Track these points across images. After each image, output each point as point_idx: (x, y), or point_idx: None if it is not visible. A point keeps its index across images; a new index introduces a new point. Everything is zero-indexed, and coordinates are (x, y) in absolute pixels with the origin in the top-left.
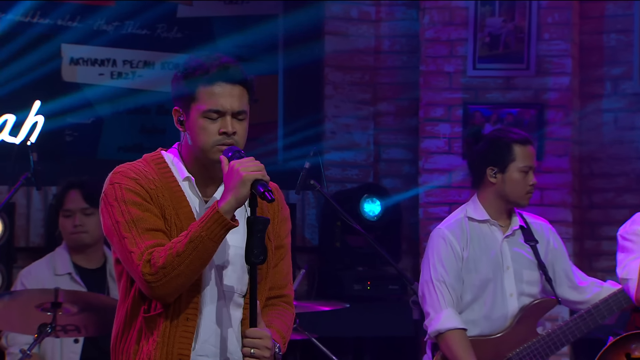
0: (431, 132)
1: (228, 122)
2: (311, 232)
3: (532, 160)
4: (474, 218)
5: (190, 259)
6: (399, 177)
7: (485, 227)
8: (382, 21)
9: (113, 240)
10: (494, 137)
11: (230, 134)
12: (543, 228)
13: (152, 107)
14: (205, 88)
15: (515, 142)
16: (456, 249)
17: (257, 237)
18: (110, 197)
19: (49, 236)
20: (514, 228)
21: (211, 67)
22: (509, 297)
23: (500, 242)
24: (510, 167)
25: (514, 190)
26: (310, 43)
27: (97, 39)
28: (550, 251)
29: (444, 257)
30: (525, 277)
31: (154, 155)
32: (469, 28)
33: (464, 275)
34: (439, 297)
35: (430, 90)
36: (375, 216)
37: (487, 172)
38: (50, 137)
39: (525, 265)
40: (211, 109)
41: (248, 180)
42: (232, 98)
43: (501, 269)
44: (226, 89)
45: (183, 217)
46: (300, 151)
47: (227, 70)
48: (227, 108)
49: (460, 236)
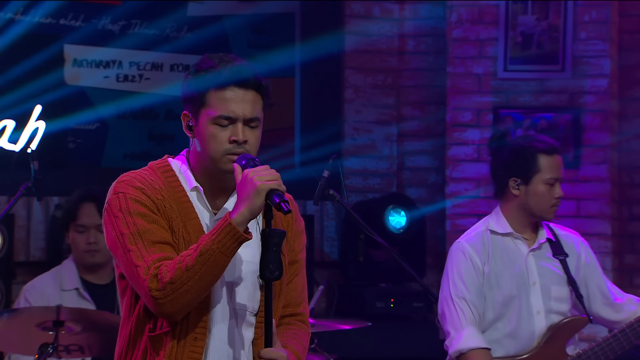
0: (459, 138)
1: (239, 129)
2: (330, 246)
3: (559, 172)
4: (496, 231)
5: (200, 273)
6: (424, 187)
7: (508, 241)
8: (406, 19)
9: (117, 254)
10: (518, 145)
11: (241, 143)
12: (573, 241)
13: (161, 112)
14: (216, 92)
15: (540, 151)
16: (476, 264)
17: (272, 251)
18: (115, 208)
19: (50, 250)
20: (541, 241)
21: (223, 70)
22: (535, 315)
23: (525, 256)
24: (535, 178)
25: (539, 204)
26: (329, 43)
27: (102, 39)
28: (582, 266)
29: (463, 272)
30: (553, 293)
31: (160, 163)
32: (500, 27)
33: (486, 291)
34: (459, 314)
35: (458, 93)
36: (400, 228)
37: (510, 184)
38: (52, 144)
39: (554, 280)
40: (222, 115)
41: (263, 190)
42: (245, 104)
43: (527, 285)
44: (238, 94)
45: (191, 229)
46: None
47: (239, 74)
48: (238, 114)
49: (481, 250)
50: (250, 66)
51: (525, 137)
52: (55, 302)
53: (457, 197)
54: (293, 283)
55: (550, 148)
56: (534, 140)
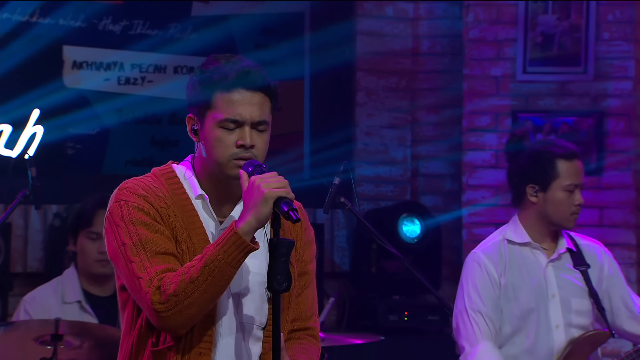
0: (476, 143)
1: (246, 133)
2: (341, 256)
3: (579, 177)
4: (514, 241)
5: (205, 285)
6: (440, 195)
7: (526, 251)
8: (420, 19)
9: (118, 265)
10: (535, 150)
11: (248, 147)
12: (595, 251)
13: (164, 117)
14: (223, 95)
15: (559, 156)
16: (492, 275)
17: (280, 261)
18: (116, 217)
19: (49, 261)
20: (561, 251)
21: (230, 72)
22: (554, 329)
23: (544, 267)
24: (553, 185)
25: (558, 211)
26: (341, 44)
27: (103, 40)
28: (605, 278)
29: (479, 284)
30: (573, 306)
31: (164, 169)
32: (519, 27)
33: (503, 304)
34: (474, 328)
35: (475, 96)
36: (414, 238)
37: (527, 191)
38: (50, 149)
39: (574, 292)
40: (228, 118)
41: (270, 198)
42: (252, 106)
43: (545, 298)
44: (246, 97)
45: (196, 239)
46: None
47: (247, 76)
48: (245, 117)
49: (497, 261)
50: (259, 67)
51: (543, 142)
52: (56, 315)
53: (474, 205)
54: (303, 296)
55: (569, 153)
56: (552, 144)
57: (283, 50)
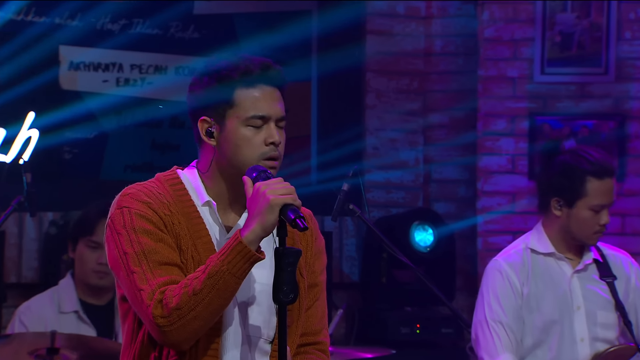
0: (491, 148)
1: (273, 130)
2: (350, 266)
3: (609, 198)
4: (537, 250)
5: (209, 298)
6: (454, 201)
7: (550, 261)
8: (433, 18)
9: (119, 275)
10: (565, 163)
11: (277, 144)
12: (622, 262)
13: (165, 120)
14: (246, 91)
15: (590, 173)
16: (515, 284)
17: (287, 272)
18: (118, 224)
19: (44, 270)
20: (587, 262)
21: (251, 68)
22: (579, 342)
23: (569, 277)
24: (579, 203)
25: (580, 229)
26: (349, 44)
27: (101, 40)
28: (632, 290)
29: (500, 294)
30: (599, 319)
31: (169, 175)
32: (536, 26)
33: (525, 315)
34: (494, 340)
35: (491, 98)
36: (427, 247)
37: (552, 204)
38: (46, 154)
39: (600, 305)
40: (256, 115)
41: (276, 205)
42: (275, 102)
43: (570, 309)
44: (267, 92)
45: (201, 248)
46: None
47: (268, 71)
48: (271, 114)
49: (519, 269)
50: (275, 64)
51: (576, 153)
52: (53, 326)
53: (490, 213)
54: (313, 309)
55: (602, 170)
56: (584, 158)
57: (289, 51)
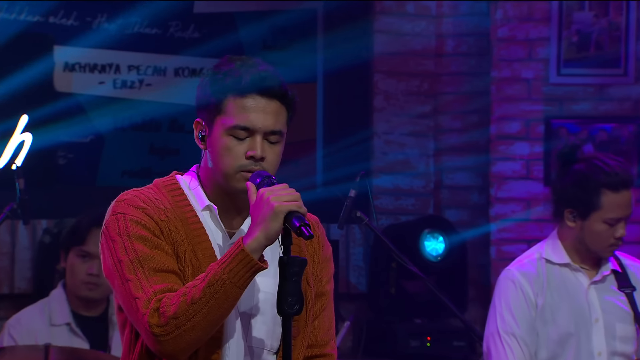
0: (505, 152)
1: (257, 143)
2: (357, 276)
3: (625, 211)
4: (552, 261)
5: (208, 307)
6: (466, 208)
7: (566, 271)
8: (444, 17)
9: (114, 284)
10: (580, 172)
11: (258, 159)
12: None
13: (164, 123)
14: (236, 99)
15: (605, 185)
16: (528, 295)
17: (291, 282)
18: (113, 231)
19: (38, 281)
20: (605, 273)
21: (244, 75)
22: (596, 357)
23: (586, 289)
24: (593, 215)
25: (595, 242)
26: (357, 44)
27: (97, 39)
28: None
29: (513, 305)
30: (618, 332)
31: (167, 180)
32: (552, 25)
33: (539, 327)
34: (507, 353)
35: (504, 101)
36: (437, 256)
37: (566, 215)
38: (40, 159)
39: (619, 317)
40: (238, 125)
41: (281, 212)
42: (266, 115)
43: (587, 322)
44: (260, 104)
45: (201, 254)
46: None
47: (263, 81)
48: (258, 126)
49: (533, 279)
50: (277, 73)
51: (592, 163)
52: (43, 339)
53: (503, 220)
54: (319, 319)
55: (617, 182)
56: (600, 169)
57: (294, 51)
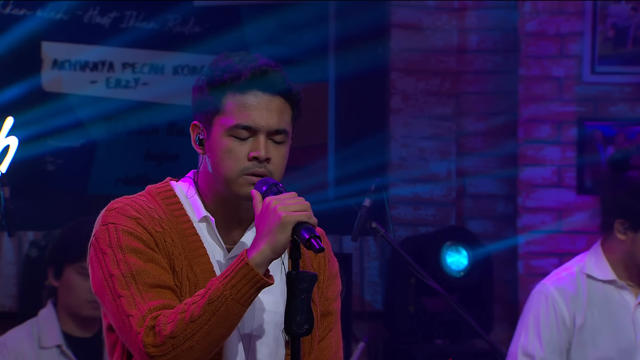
0: (534, 158)
1: (261, 143)
2: (373, 293)
3: None
4: (595, 277)
5: (209, 326)
6: (491, 219)
7: (610, 289)
8: (468, 10)
9: (105, 300)
10: (634, 180)
11: (263, 160)
12: None
13: (161, 126)
14: (235, 97)
15: None
16: (562, 314)
17: (300, 299)
18: (103, 243)
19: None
20: None
21: (244, 70)
22: None
23: (633, 309)
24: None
25: None
26: (372, 39)
27: (88, 35)
28: None
29: (542, 323)
30: None
31: (161, 188)
32: (586, 18)
33: (575, 350)
34: None
35: (533, 101)
36: (460, 271)
37: (616, 226)
38: (26, 165)
39: None
40: (240, 124)
41: (289, 223)
42: (270, 112)
43: (632, 346)
44: (262, 100)
45: (198, 269)
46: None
47: (264, 76)
48: (260, 124)
49: (571, 297)
50: (279, 67)
51: None
52: None
53: (532, 232)
54: (326, 340)
55: None
56: None
57: (303, 47)
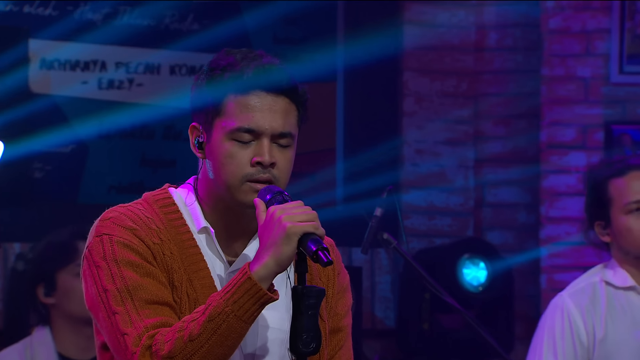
0: (558, 164)
1: (265, 146)
2: (384, 309)
3: None
4: (614, 284)
5: (209, 345)
6: (512, 229)
7: (632, 296)
8: (486, 5)
9: (98, 317)
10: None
11: (267, 165)
12: None
13: (157, 130)
14: (237, 98)
15: (611, 176)
16: (577, 327)
17: (307, 315)
18: (97, 255)
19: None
20: None
21: (246, 69)
22: None
23: None
24: (613, 212)
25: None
26: (383, 36)
27: (79, 32)
28: None
29: (557, 337)
30: None
31: (159, 195)
32: (613, 15)
33: None
34: None
35: (557, 104)
36: (479, 286)
37: (597, 231)
38: (12, 172)
39: None
40: (242, 127)
41: (294, 235)
42: (274, 114)
43: None
44: (266, 101)
45: (198, 284)
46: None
47: (268, 75)
48: (264, 127)
49: (588, 309)
50: (283, 66)
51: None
52: None
53: (556, 244)
54: (336, 359)
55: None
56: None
57: (310, 45)
